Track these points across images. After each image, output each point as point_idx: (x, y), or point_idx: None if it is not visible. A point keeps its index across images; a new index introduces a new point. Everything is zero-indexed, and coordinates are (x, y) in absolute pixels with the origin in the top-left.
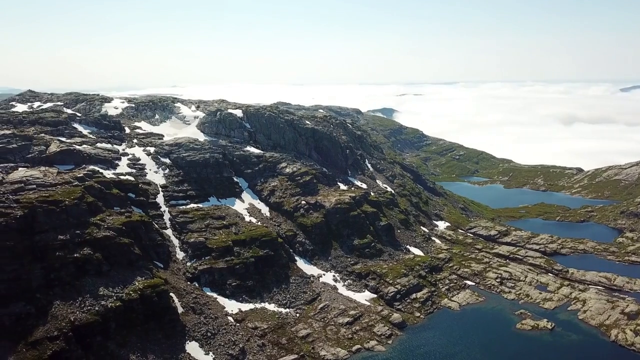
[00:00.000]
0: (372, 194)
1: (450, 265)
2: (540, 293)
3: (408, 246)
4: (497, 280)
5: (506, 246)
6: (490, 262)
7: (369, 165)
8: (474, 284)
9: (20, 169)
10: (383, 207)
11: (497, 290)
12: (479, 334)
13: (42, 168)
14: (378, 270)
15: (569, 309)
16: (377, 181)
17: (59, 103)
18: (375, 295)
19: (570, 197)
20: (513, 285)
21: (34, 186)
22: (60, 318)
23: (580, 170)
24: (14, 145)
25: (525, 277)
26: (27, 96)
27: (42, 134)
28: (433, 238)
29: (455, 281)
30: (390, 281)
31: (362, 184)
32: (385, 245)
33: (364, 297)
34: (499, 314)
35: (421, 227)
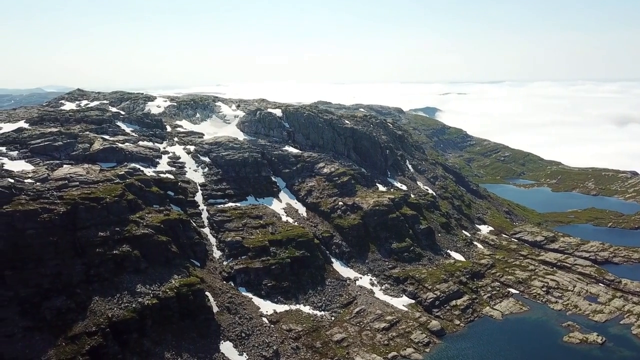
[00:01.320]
0: (412, 196)
1: (493, 271)
2: (590, 304)
3: (449, 251)
4: (543, 289)
5: (553, 253)
6: (536, 270)
7: (409, 166)
8: (518, 292)
9: (65, 166)
10: (423, 210)
11: (543, 300)
12: (522, 345)
13: (86, 165)
14: (417, 275)
15: (621, 322)
16: (418, 183)
17: (104, 101)
18: (413, 301)
19: (624, 202)
20: (560, 295)
21: (77, 183)
22: (98, 314)
23: (635, 173)
24: (60, 143)
25: (574, 286)
26: (76, 95)
27: (87, 132)
28: (475, 243)
29: (498, 289)
30: (430, 287)
31: (402, 185)
32: (425, 250)
33: (401, 302)
34: (544, 325)
35: (463, 231)
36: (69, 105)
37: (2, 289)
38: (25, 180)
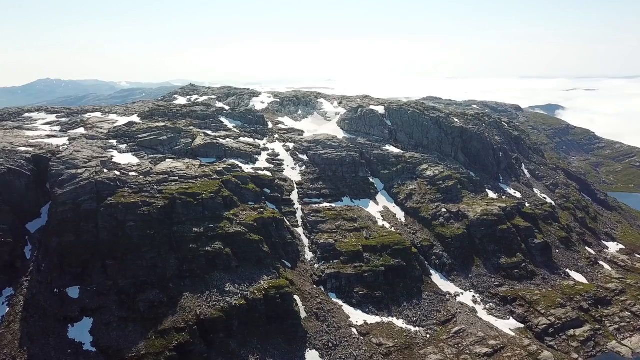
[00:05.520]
0: (527, 205)
1: (623, 299)
2: None
3: (568, 270)
4: None
5: None
6: None
7: (525, 171)
8: None
9: (167, 160)
10: (539, 222)
11: None
12: None
13: (186, 160)
14: (528, 296)
15: None
16: (535, 190)
17: (212, 96)
18: (521, 326)
19: None
20: None
21: (177, 178)
22: (187, 310)
23: None
24: (164, 137)
25: None
26: (188, 90)
27: (191, 127)
28: (601, 263)
29: (629, 320)
30: (543, 311)
31: (516, 192)
32: (539, 267)
33: (507, 325)
34: None
35: (586, 248)
36: (180, 100)
37: (103, 277)
38: (130, 173)
